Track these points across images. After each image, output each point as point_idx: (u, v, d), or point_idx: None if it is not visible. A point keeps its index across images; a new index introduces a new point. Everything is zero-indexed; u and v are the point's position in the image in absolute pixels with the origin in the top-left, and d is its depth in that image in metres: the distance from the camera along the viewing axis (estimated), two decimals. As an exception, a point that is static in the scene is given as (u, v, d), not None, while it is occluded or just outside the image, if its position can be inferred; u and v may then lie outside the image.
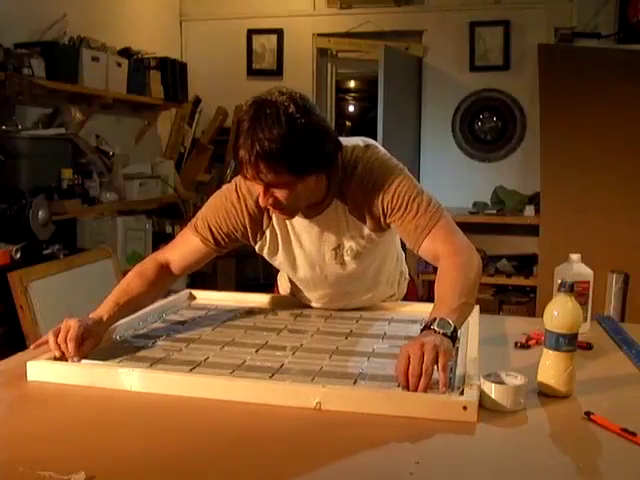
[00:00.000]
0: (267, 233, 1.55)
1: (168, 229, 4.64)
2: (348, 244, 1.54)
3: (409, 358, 1.15)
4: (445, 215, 1.47)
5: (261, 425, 1.08)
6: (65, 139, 3.31)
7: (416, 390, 1.13)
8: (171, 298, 1.80)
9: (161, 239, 4.25)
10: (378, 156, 1.49)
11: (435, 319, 1.24)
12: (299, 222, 1.53)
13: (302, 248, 1.56)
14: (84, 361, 1.30)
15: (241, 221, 1.53)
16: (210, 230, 1.54)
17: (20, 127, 3.12)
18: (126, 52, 4.04)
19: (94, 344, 1.35)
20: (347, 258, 1.56)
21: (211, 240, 1.54)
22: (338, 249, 1.55)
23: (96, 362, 1.30)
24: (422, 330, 1.25)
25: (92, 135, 3.78)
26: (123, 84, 3.92)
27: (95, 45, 3.72)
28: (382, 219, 1.48)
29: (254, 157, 1.28)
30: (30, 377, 1.24)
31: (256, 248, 1.59)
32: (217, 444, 1.01)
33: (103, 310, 1.43)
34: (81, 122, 3.61)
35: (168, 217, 4.50)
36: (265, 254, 1.60)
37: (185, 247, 1.57)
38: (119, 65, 3.87)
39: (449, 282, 1.35)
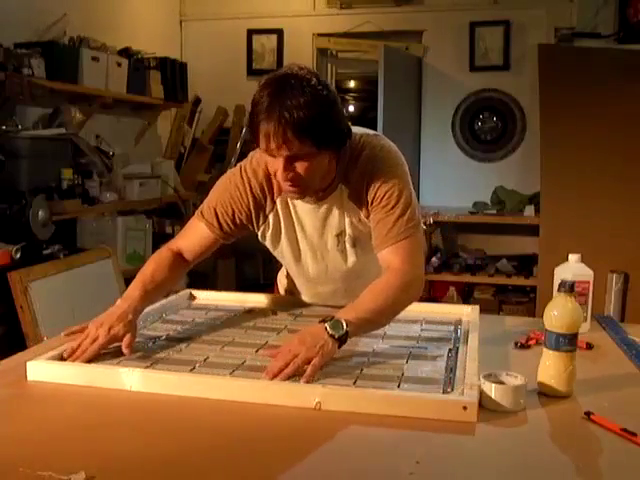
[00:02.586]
0: (270, 218, 1.56)
1: (168, 229, 4.64)
2: (348, 230, 1.54)
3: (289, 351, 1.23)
4: (418, 234, 1.47)
5: (261, 425, 1.08)
6: (65, 139, 3.31)
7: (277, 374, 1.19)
8: (171, 298, 1.79)
9: (161, 239, 4.25)
10: (385, 146, 1.50)
11: (332, 318, 1.29)
12: (302, 207, 1.53)
13: (304, 234, 1.56)
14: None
15: (245, 203, 1.53)
16: (216, 215, 1.54)
17: (20, 127, 3.12)
18: (126, 52, 4.04)
19: (134, 337, 1.38)
20: (347, 246, 1.56)
21: (216, 225, 1.54)
22: (340, 236, 1.55)
23: (96, 362, 1.30)
24: (319, 322, 1.29)
25: (92, 135, 3.78)
26: (123, 84, 3.93)
27: (95, 45, 3.72)
28: (368, 206, 1.49)
29: (282, 126, 1.28)
30: (30, 377, 1.24)
31: (259, 234, 1.59)
32: (217, 444, 1.01)
33: (135, 299, 1.44)
34: (81, 122, 3.62)
35: (168, 217, 4.50)
36: (267, 241, 1.59)
37: (193, 234, 1.58)
38: (119, 65, 3.87)
39: (374, 295, 1.38)
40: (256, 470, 0.94)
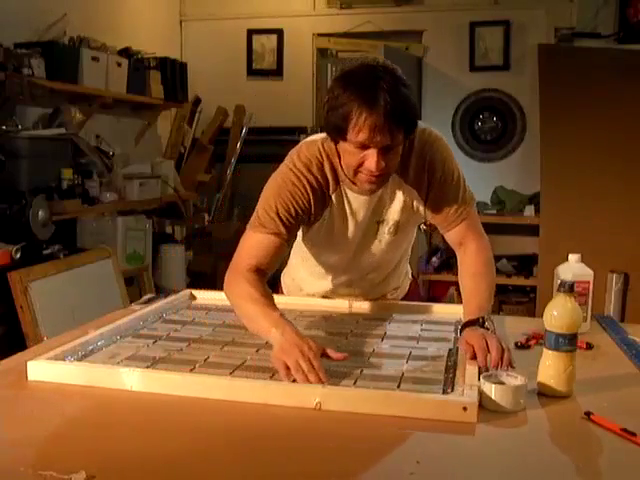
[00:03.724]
0: (326, 213, 1.53)
1: (168, 229, 4.64)
2: (396, 217, 1.56)
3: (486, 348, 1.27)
4: (474, 202, 1.59)
5: (261, 425, 1.08)
6: (65, 139, 3.31)
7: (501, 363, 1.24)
8: (171, 298, 1.80)
9: (161, 239, 4.25)
10: (432, 131, 1.53)
11: (485, 318, 1.38)
12: (357, 200, 1.52)
13: (356, 226, 1.56)
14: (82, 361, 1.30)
15: (306, 198, 1.48)
16: (280, 219, 1.45)
17: (20, 127, 3.12)
18: (126, 52, 4.04)
19: None
20: (386, 234, 1.59)
21: (283, 230, 1.46)
22: (381, 223, 1.57)
23: (97, 362, 1.30)
24: (470, 324, 1.37)
25: (92, 135, 3.78)
26: (123, 84, 3.93)
27: (95, 45, 3.72)
28: (428, 188, 1.52)
29: (389, 116, 1.29)
30: (30, 377, 1.24)
31: (313, 228, 1.55)
32: (217, 444, 1.01)
33: (281, 319, 1.33)
34: (81, 122, 3.61)
35: (168, 217, 4.50)
36: (321, 233, 1.56)
37: (259, 249, 1.46)
38: (119, 65, 3.87)
39: (479, 280, 1.51)
40: (256, 470, 0.94)
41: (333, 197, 1.52)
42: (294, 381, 1.19)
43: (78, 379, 1.22)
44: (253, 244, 1.48)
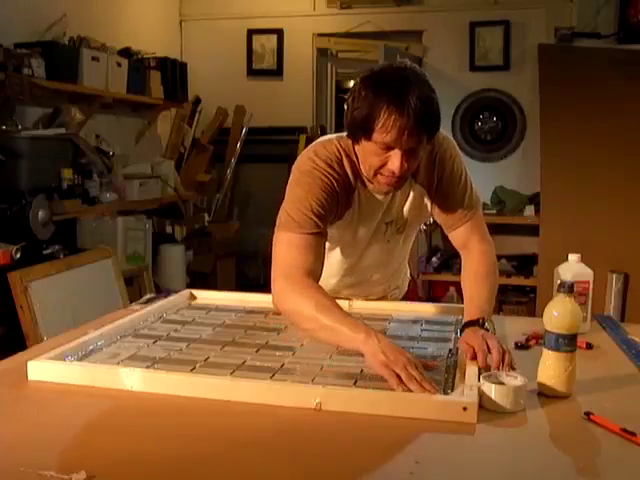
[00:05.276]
0: (349, 211, 1.52)
1: (168, 229, 4.64)
2: (406, 215, 1.57)
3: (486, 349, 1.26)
4: (479, 205, 1.59)
5: (261, 425, 1.08)
6: (65, 139, 3.31)
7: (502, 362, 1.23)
8: (171, 298, 1.80)
9: (161, 239, 4.25)
10: (441, 130, 1.52)
11: (484, 319, 1.37)
12: (372, 199, 1.52)
13: (371, 225, 1.57)
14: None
15: (335, 193, 1.45)
16: (317, 216, 1.42)
17: (20, 127, 3.12)
18: (126, 52, 4.04)
19: None
20: (394, 234, 1.60)
21: (323, 227, 1.43)
22: (390, 224, 1.58)
23: (97, 362, 1.30)
24: (469, 324, 1.37)
25: (92, 135, 3.78)
26: (123, 84, 3.93)
27: (95, 45, 3.72)
28: (435, 185, 1.52)
29: (417, 119, 1.29)
30: (31, 377, 1.24)
31: (334, 225, 1.52)
32: (217, 444, 1.01)
33: (364, 326, 1.31)
34: (81, 122, 3.61)
35: (168, 217, 4.50)
36: (338, 233, 1.56)
37: (304, 252, 1.41)
38: (119, 65, 3.87)
39: (482, 283, 1.49)
40: (256, 470, 0.94)
41: (356, 195, 1.50)
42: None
43: (78, 379, 1.22)
44: (295, 248, 1.42)
